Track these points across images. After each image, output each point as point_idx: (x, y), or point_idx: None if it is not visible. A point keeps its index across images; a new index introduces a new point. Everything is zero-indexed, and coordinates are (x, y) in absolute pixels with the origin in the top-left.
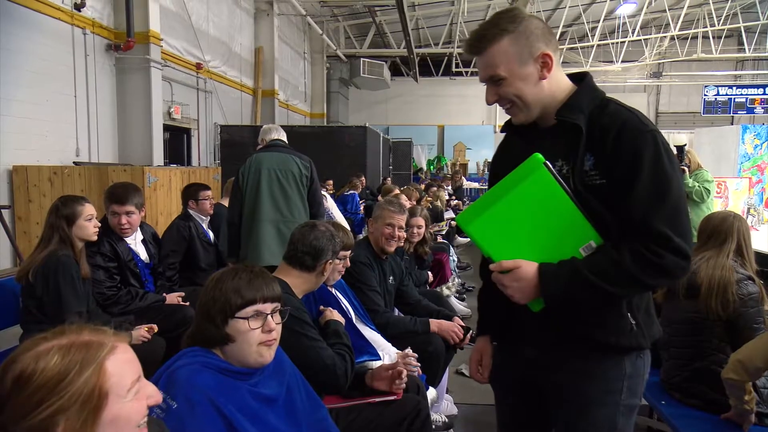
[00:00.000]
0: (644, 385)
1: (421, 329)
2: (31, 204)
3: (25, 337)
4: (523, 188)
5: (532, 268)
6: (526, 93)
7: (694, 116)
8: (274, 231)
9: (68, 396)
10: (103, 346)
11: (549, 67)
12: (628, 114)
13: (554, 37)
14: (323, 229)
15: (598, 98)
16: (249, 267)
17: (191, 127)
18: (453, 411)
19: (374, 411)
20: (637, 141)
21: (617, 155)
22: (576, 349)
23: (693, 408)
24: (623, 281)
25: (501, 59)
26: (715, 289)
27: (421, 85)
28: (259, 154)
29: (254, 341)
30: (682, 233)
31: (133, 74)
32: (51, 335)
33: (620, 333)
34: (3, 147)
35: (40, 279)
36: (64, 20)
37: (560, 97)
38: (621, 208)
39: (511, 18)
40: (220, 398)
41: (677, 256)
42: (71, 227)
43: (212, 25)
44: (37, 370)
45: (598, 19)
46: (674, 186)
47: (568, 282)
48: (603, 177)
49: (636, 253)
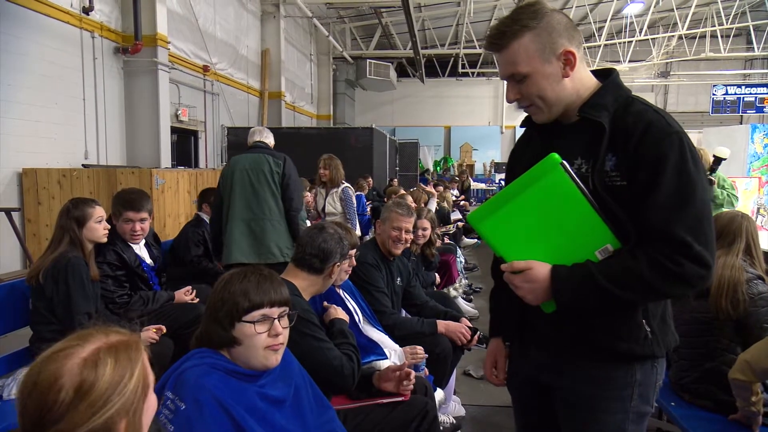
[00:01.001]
0: (657, 392)
1: (428, 330)
2: (41, 206)
3: (34, 338)
4: (538, 188)
5: (544, 270)
6: (548, 92)
7: (702, 116)
8: (246, 229)
9: (128, 395)
10: (139, 343)
11: (572, 65)
12: (654, 115)
13: (578, 32)
14: (331, 232)
15: (623, 96)
16: (258, 269)
17: (198, 129)
18: (461, 412)
19: (382, 412)
20: (662, 143)
21: (640, 157)
22: (587, 354)
23: (703, 409)
24: (638, 289)
25: (522, 56)
26: (725, 288)
27: (427, 86)
28: (235, 157)
29: (260, 345)
30: (705, 241)
31: (141, 77)
32: (81, 340)
33: (633, 341)
34: (13, 150)
35: (50, 280)
36: (72, 24)
37: (584, 94)
38: (641, 212)
39: (533, 13)
40: (228, 399)
41: (697, 265)
42: (81, 229)
43: (219, 28)
44: (98, 376)
45: (605, 18)
46: (699, 191)
47: (580, 286)
48: (624, 179)
49: (654, 261)
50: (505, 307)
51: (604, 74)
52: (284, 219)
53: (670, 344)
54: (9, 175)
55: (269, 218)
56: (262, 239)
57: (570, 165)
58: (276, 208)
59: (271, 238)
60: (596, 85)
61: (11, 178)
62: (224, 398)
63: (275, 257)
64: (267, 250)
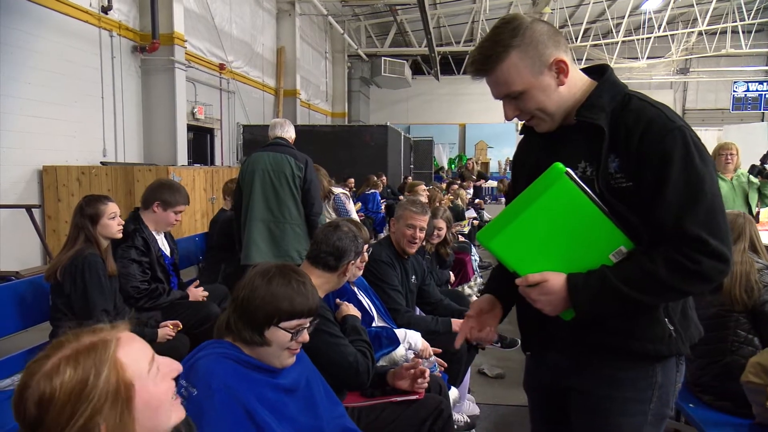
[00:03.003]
0: (676, 394)
1: (442, 329)
2: (60, 203)
3: (54, 332)
4: (545, 200)
5: (560, 280)
6: (548, 103)
7: (722, 113)
8: (265, 230)
9: (96, 399)
10: (108, 342)
11: (565, 72)
12: (654, 111)
13: (562, 36)
14: (346, 230)
15: (620, 94)
16: (301, 273)
17: (214, 127)
18: (475, 411)
19: (396, 410)
20: (665, 140)
21: (644, 156)
22: (608, 356)
23: (722, 411)
24: (658, 290)
25: (514, 75)
26: (738, 278)
27: (442, 84)
28: (256, 154)
29: (284, 349)
30: (720, 235)
31: (158, 75)
32: (51, 351)
33: (657, 340)
34: (33, 147)
35: (67, 278)
36: (91, 23)
37: (580, 95)
38: (651, 212)
39: (514, 30)
40: (239, 387)
41: (715, 260)
42: (95, 226)
43: (235, 26)
44: (55, 387)
45: (622, 15)
46: (707, 185)
47: (599, 293)
48: (630, 179)
49: (671, 261)
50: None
51: (599, 71)
52: (304, 222)
53: (694, 338)
54: (29, 173)
55: (289, 221)
56: (281, 242)
57: (574, 169)
58: (296, 212)
59: (290, 241)
60: (590, 84)
61: (32, 175)
62: (235, 386)
63: (293, 261)
64: (285, 253)
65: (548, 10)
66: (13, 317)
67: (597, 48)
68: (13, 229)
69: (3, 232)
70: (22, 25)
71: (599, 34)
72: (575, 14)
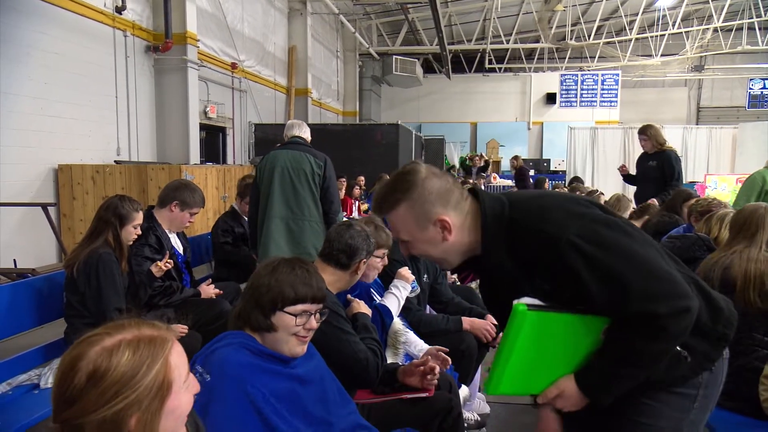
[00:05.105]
0: (718, 394)
1: (453, 327)
2: (75, 201)
3: (69, 329)
4: (524, 337)
5: (572, 386)
6: (432, 252)
7: (738, 111)
8: (284, 227)
9: (142, 389)
10: (166, 340)
11: (449, 229)
12: (538, 232)
13: (454, 191)
14: (359, 229)
15: (504, 223)
16: (306, 263)
17: (226, 125)
18: (485, 410)
19: (406, 407)
20: (562, 259)
21: (558, 279)
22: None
23: (736, 412)
24: (649, 360)
25: (401, 225)
26: (752, 281)
27: (453, 82)
28: (275, 152)
29: (293, 335)
30: (663, 297)
31: (171, 75)
32: (112, 330)
33: (681, 367)
34: (49, 146)
35: (82, 276)
36: (105, 23)
37: (474, 237)
38: (600, 310)
39: (406, 183)
40: (251, 379)
41: (675, 318)
42: (121, 229)
43: (247, 25)
44: (112, 365)
45: (636, 11)
46: (625, 268)
47: (607, 385)
48: (565, 292)
49: (644, 337)
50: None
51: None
52: (322, 220)
53: (727, 324)
54: (45, 171)
55: (308, 219)
56: (300, 239)
57: (533, 287)
58: (315, 209)
59: (308, 239)
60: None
61: (47, 174)
62: (247, 377)
63: (311, 258)
64: (304, 250)
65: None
66: (30, 314)
67: (610, 45)
68: (30, 227)
69: (20, 230)
70: (38, 26)
71: (612, 31)
72: (588, 11)
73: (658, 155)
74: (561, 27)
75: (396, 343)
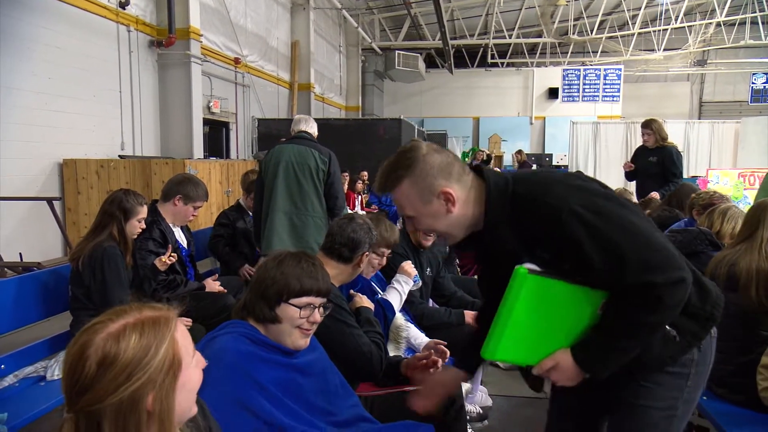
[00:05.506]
0: (708, 373)
1: (455, 321)
2: (80, 196)
3: (74, 322)
4: (523, 301)
5: (568, 357)
6: (437, 226)
7: (740, 105)
8: (287, 221)
9: (153, 368)
10: (169, 319)
11: (453, 201)
12: (540, 203)
13: (454, 167)
14: (361, 222)
15: (507, 196)
16: (311, 257)
17: (230, 120)
18: (487, 402)
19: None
20: (565, 228)
21: (560, 247)
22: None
23: (735, 404)
24: (645, 332)
25: (405, 201)
26: (755, 278)
27: (456, 77)
28: (280, 146)
29: (296, 327)
30: (660, 266)
31: (174, 70)
32: (115, 315)
33: (670, 347)
34: (54, 141)
35: (87, 269)
36: (109, 18)
37: (478, 210)
38: (599, 281)
39: (408, 161)
40: (251, 364)
41: (671, 288)
42: (125, 223)
43: (250, 20)
44: (120, 349)
45: (639, 6)
46: (620, 237)
47: (603, 358)
48: (565, 263)
49: (641, 307)
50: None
51: (479, 171)
52: (326, 216)
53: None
54: (50, 166)
55: (311, 213)
56: (303, 234)
57: (533, 258)
58: (318, 205)
59: (311, 234)
60: (481, 192)
61: (52, 168)
62: (248, 362)
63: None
64: (306, 245)
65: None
66: (36, 306)
67: (613, 40)
68: (35, 221)
69: (25, 224)
70: (41, 20)
71: (615, 26)
72: (591, 6)
73: (659, 150)
74: (563, 22)
75: (398, 338)
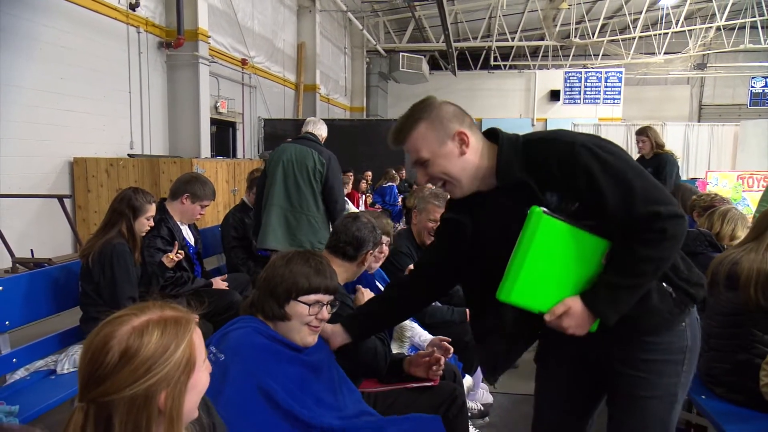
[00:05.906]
0: (697, 358)
1: (458, 319)
2: (90, 194)
3: (84, 317)
4: (539, 241)
5: (578, 303)
6: (451, 168)
7: (740, 108)
8: (282, 217)
9: (171, 366)
10: (190, 321)
11: (466, 143)
12: (552, 141)
13: (467, 116)
14: (365, 221)
15: (519, 144)
16: (319, 255)
17: (236, 120)
18: (489, 399)
19: (411, 396)
20: (577, 159)
21: (571, 180)
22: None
23: (734, 403)
24: (650, 267)
25: (421, 143)
26: (754, 279)
27: (459, 79)
28: (284, 145)
29: (305, 324)
30: (663, 200)
31: (183, 70)
32: (138, 311)
33: (667, 301)
34: (65, 140)
35: (96, 266)
36: (120, 20)
37: (485, 161)
38: (607, 215)
39: (425, 106)
40: (266, 359)
41: (674, 220)
42: (134, 221)
43: (257, 22)
44: (143, 344)
45: (640, 10)
46: (628, 170)
47: (613, 298)
48: (574, 202)
49: (644, 241)
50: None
51: (492, 134)
52: (321, 216)
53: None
54: (61, 164)
55: (306, 212)
56: (296, 232)
57: (541, 204)
58: (314, 204)
59: (304, 232)
60: (492, 148)
61: (63, 166)
62: (262, 357)
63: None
64: (299, 242)
65: (565, 6)
66: (47, 302)
67: (614, 43)
68: (46, 218)
69: (37, 220)
70: (54, 22)
71: (616, 29)
72: (592, 9)
73: (655, 160)
74: (565, 25)
75: (402, 337)
